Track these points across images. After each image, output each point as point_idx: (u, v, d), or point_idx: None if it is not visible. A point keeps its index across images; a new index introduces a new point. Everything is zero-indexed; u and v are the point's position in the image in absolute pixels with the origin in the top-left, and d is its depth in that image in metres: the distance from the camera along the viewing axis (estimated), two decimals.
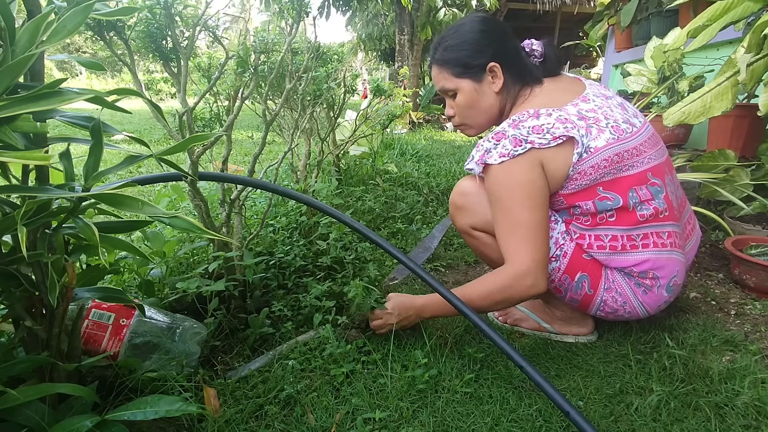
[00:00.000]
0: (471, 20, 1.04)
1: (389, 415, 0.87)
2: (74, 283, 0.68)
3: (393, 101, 2.86)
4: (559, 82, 1.06)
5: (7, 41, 0.53)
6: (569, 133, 0.91)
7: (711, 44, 2.22)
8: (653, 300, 1.01)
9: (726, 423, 0.85)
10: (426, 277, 0.95)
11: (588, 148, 0.92)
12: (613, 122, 0.95)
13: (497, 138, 0.95)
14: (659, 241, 0.98)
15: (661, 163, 1.00)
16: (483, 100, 1.05)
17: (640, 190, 0.95)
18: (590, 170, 0.93)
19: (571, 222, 1.01)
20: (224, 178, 1.14)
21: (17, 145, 0.52)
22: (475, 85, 1.03)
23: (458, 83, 1.04)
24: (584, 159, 0.92)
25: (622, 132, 0.95)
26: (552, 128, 0.92)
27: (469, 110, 1.07)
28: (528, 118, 0.94)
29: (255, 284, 1.22)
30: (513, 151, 0.92)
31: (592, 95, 1.00)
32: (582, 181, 0.94)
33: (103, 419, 0.66)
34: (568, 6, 7.71)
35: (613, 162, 0.93)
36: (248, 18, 2.60)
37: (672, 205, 1.00)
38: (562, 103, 0.97)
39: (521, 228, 0.93)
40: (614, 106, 1.00)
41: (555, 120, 0.93)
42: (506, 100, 1.05)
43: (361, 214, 1.98)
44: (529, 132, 0.92)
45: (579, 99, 0.98)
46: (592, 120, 0.94)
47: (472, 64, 1.02)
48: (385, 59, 13.61)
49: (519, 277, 0.92)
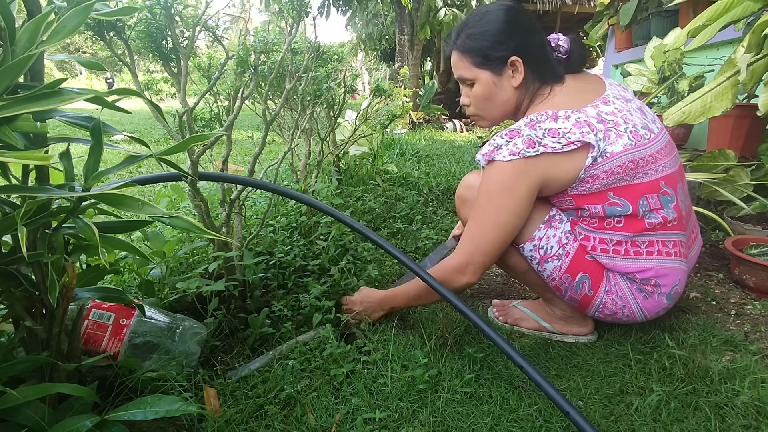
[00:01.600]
0: (497, 8, 1.00)
1: (389, 415, 0.87)
2: (74, 283, 0.68)
3: (393, 101, 2.85)
4: (581, 80, 1.03)
5: (7, 41, 0.53)
6: (585, 138, 0.90)
7: (711, 44, 2.23)
8: (653, 306, 1.01)
9: (726, 423, 0.85)
10: (426, 277, 0.96)
11: (604, 153, 0.91)
12: (632, 127, 0.94)
13: (510, 135, 0.93)
14: (664, 250, 0.97)
15: (674, 172, 0.99)
16: (500, 94, 1.03)
17: (651, 198, 0.94)
18: (603, 175, 0.92)
19: (578, 223, 1.01)
20: (224, 178, 1.14)
21: (17, 145, 0.52)
22: (494, 77, 1.01)
23: (477, 73, 1.02)
24: (599, 163, 0.91)
25: (640, 138, 0.93)
26: (568, 133, 0.91)
27: (485, 102, 1.05)
28: (546, 119, 0.93)
29: (255, 284, 1.22)
30: (524, 151, 0.91)
31: (613, 97, 0.98)
32: (593, 184, 0.93)
33: (103, 419, 0.65)
34: (568, 6, 7.71)
35: (628, 168, 0.92)
36: (248, 18, 2.61)
37: (681, 214, 0.99)
38: (582, 103, 0.95)
39: (486, 229, 0.98)
40: (634, 109, 0.98)
41: (572, 124, 0.91)
42: (524, 96, 1.03)
43: (361, 214, 1.98)
44: (545, 134, 0.91)
45: (599, 100, 0.96)
46: (612, 123, 0.93)
47: (494, 55, 0.99)
48: (385, 59, 13.62)
49: (457, 270, 1.01)
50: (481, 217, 0.98)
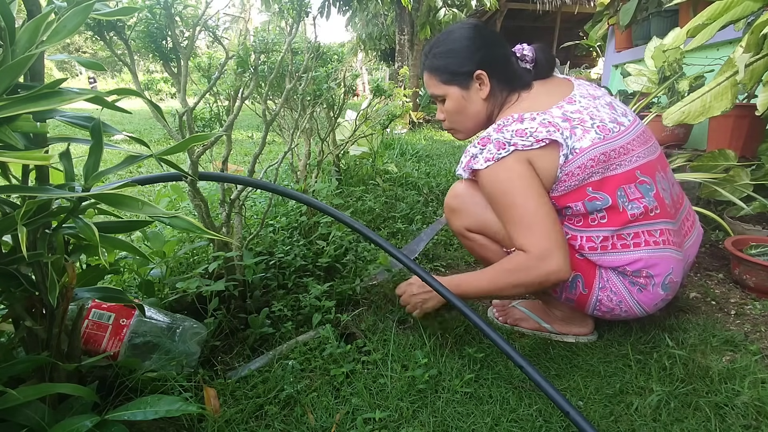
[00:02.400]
0: (460, 27, 1.06)
1: (389, 415, 0.87)
2: (74, 283, 0.68)
3: (393, 101, 2.85)
4: (548, 84, 1.07)
5: (7, 41, 0.53)
6: (552, 136, 0.93)
7: (711, 44, 2.23)
8: (649, 298, 1.01)
9: (726, 423, 0.85)
10: (425, 276, 0.95)
11: (573, 150, 0.93)
12: (599, 122, 0.96)
13: (482, 143, 0.97)
14: (651, 239, 0.98)
15: (652, 160, 1.00)
16: (470, 107, 1.07)
17: (629, 188, 0.96)
18: (577, 171, 0.94)
19: (564, 223, 1.01)
20: (224, 178, 1.14)
21: (17, 145, 0.52)
22: (463, 92, 1.06)
23: (446, 90, 1.07)
24: (570, 160, 0.93)
25: (609, 131, 0.96)
26: (535, 132, 0.94)
27: (457, 116, 1.10)
28: (512, 122, 0.96)
29: (255, 284, 1.22)
30: (497, 154, 0.94)
31: (579, 96, 1.01)
32: (570, 182, 0.95)
33: (103, 419, 0.66)
34: (568, 6, 7.71)
35: (600, 161, 0.94)
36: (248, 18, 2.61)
37: (664, 202, 1.00)
38: (547, 106, 0.99)
39: (526, 216, 0.93)
40: (601, 105, 1.00)
41: (538, 124, 0.95)
42: (494, 106, 1.07)
43: (361, 214, 1.98)
44: (512, 135, 0.94)
45: (564, 101, 1.00)
46: (577, 121, 0.95)
47: (459, 71, 1.04)
48: (385, 59, 13.63)
49: (539, 258, 0.91)
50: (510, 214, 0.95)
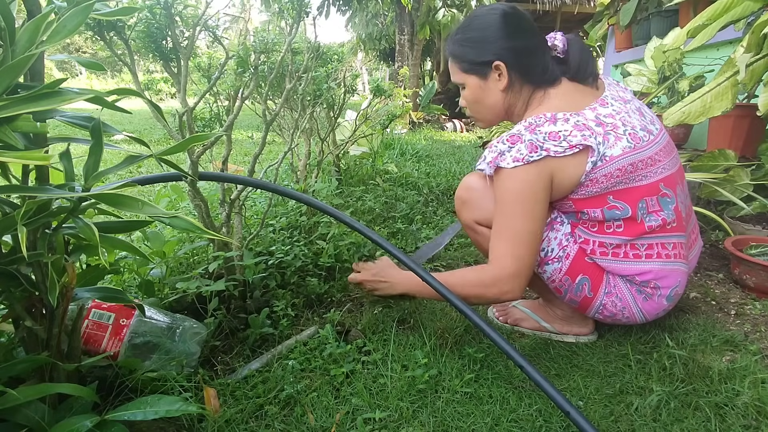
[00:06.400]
0: (486, 13, 1.01)
1: (389, 415, 0.87)
2: (74, 283, 0.68)
3: (393, 101, 2.85)
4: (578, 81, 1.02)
5: (7, 41, 0.53)
6: (586, 141, 0.90)
7: (711, 44, 2.23)
8: (652, 307, 1.01)
9: (726, 423, 0.85)
10: (425, 276, 0.95)
11: (603, 156, 0.91)
12: (631, 129, 0.93)
13: (512, 141, 0.93)
14: (664, 252, 0.97)
15: (674, 173, 0.98)
16: (488, 97, 1.04)
17: (650, 200, 0.94)
18: (603, 179, 0.92)
19: (578, 225, 1.00)
20: (224, 178, 1.14)
21: (17, 145, 0.52)
22: (480, 82, 1.03)
23: (465, 78, 1.05)
24: (598, 167, 0.91)
25: (639, 140, 0.93)
26: (569, 136, 0.90)
27: (476, 105, 1.08)
28: (545, 122, 0.93)
29: (255, 284, 1.22)
30: (528, 156, 0.90)
31: (611, 98, 0.98)
32: (593, 188, 0.93)
33: (103, 419, 0.65)
34: (568, 6, 7.70)
35: (627, 172, 0.92)
36: (248, 18, 2.61)
37: (681, 215, 0.98)
38: (581, 106, 0.95)
39: (516, 235, 0.94)
40: (632, 111, 0.98)
41: (572, 127, 0.91)
42: (515, 99, 1.03)
43: (361, 214, 1.98)
44: (545, 138, 0.91)
45: (597, 103, 0.96)
46: (610, 126, 0.92)
47: (477, 61, 1.01)
48: (385, 59, 13.61)
49: (498, 280, 0.95)
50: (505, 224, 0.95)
